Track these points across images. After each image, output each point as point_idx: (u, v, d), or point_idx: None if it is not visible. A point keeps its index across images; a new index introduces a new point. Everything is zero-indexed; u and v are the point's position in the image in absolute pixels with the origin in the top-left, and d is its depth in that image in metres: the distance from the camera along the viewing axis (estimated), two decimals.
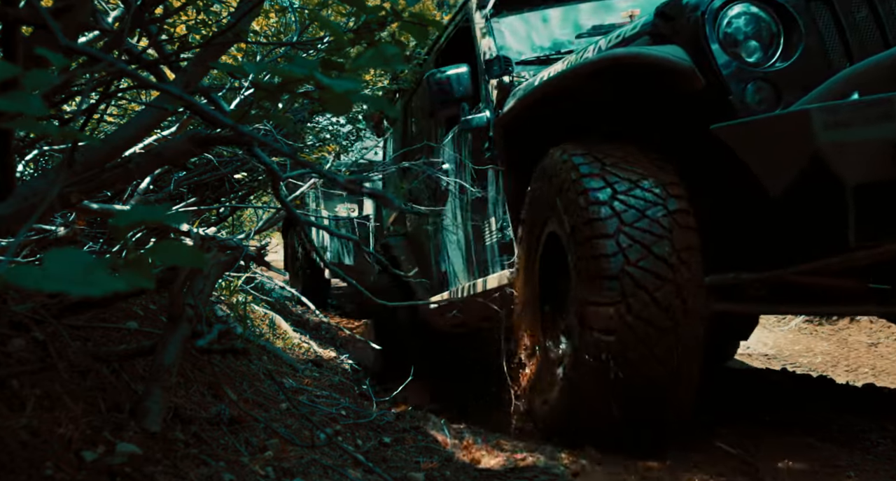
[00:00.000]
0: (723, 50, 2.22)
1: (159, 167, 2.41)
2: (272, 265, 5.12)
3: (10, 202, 1.18)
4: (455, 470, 2.15)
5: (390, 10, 1.32)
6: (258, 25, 4.89)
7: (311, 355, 4.21)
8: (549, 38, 3.53)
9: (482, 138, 3.43)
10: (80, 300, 1.61)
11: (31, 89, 0.72)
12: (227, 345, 1.87)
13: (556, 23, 3.58)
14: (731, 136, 2.09)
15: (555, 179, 2.48)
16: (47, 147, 2.79)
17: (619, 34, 2.61)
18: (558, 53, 3.35)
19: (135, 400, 1.47)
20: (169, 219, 0.72)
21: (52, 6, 1.28)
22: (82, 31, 1.93)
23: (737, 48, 2.24)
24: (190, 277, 1.76)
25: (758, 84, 2.21)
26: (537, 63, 3.37)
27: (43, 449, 1.15)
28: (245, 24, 1.61)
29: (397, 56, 0.99)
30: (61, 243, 2.47)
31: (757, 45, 2.25)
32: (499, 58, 3.34)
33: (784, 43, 2.25)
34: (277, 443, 1.78)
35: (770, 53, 2.25)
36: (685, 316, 2.17)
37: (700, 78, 2.20)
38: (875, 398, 3.44)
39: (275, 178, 1.54)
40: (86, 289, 0.58)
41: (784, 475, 2.22)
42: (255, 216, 7.58)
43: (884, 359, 5.48)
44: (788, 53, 2.24)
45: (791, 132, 1.98)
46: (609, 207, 2.21)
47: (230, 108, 1.81)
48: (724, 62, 2.21)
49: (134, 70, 1.01)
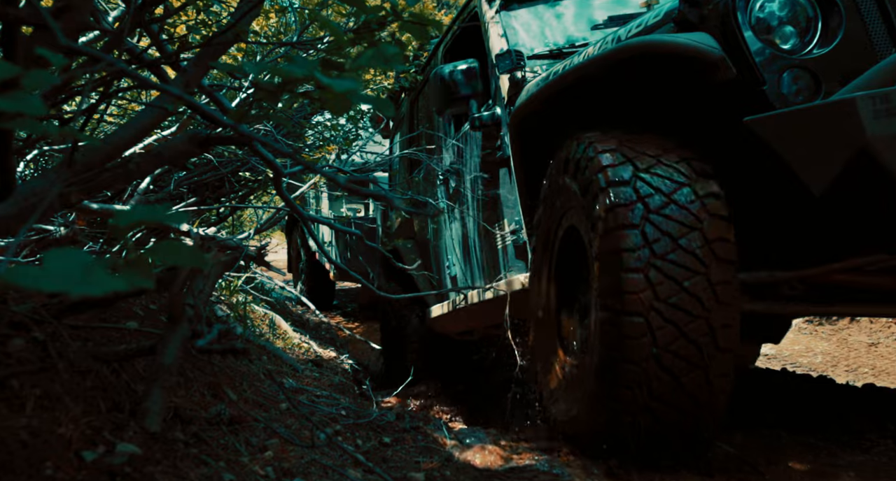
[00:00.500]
0: (755, 36, 2.06)
1: (159, 167, 2.40)
2: (272, 265, 5.12)
3: (10, 202, 1.18)
4: (455, 470, 2.15)
5: (390, 10, 1.32)
6: (258, 25, 4.89)
7: (311, 355, 4.21)
8: (561, 31, 3.41)
9: (492, 136, 3.32)
10: (80, 300, 1.61)
11: (31, 89, 0.72)
12: (227, 345, 1.87)
13: (569, 15, 3.46)
14: (766, 130, 1.94)
15: (577, 172, 2.30)
16: (47, 147, 2.80)
17: (639, 23, 2.46)
18: (572, 47, 3.22)
19: (135, 401, 1.47)
20: (169, 219, 0.72)
21: (52, 6, 1.28)
22: (82, 31, 1.93)
23: (770, 34, 2.09)
24: (190, 277, 1.76)
25: (794, 72, 2.06)
26: (550, 57, 3.23)
27: (43, 449, 1.14)
28: (245, 24, 1.61)
29: (397, 56, 0.99)
30: (61, 243, 2.47)
31: (792, 30, 2.10)
32: (510, 52, 3.19)
33: (822, 28, 2.09)
34: (277, 443, 1.78)
35: (807, 39, 2.10)
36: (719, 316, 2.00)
37: (731, 67, 2.04)
38: (875, 398, 3.44)
39: (277, 175, 1.55)
40: (86, 288, 0.58)
41: (784, 475, 2.23)
42: (256, 216, 7.58)
43: (884, 358, 5.48)
44: (827, 39, 2.08)
45: (835, 124, 1.82)
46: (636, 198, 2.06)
47: (231, 107, 1.81)
48: (756, 49, 2.05)
49: (134, 70, 1.01)
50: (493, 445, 2.61)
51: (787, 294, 2.29)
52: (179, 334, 1.57)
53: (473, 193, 3.67)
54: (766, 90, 2.03)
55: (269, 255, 3.56)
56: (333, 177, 0.99)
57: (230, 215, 5.43)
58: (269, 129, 3.59)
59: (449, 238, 4.19)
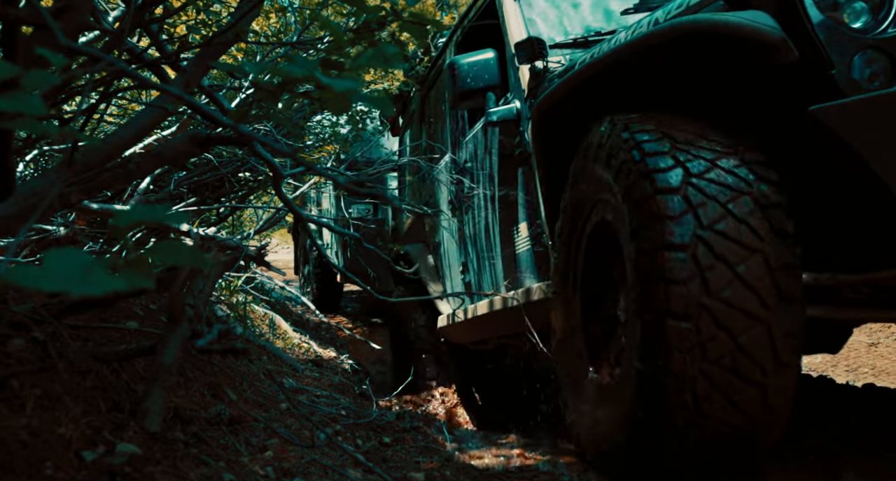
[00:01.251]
0: (821, 14, 1.80)
1: (159, 167, 2.41)
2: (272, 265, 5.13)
3: (10, 202, 1.19)
4: (455, 470, 2.15)
5: (390, 10, 1.32)
6: (258, 25, 4.89)
7: (311, 355, 4.21)
8: (584, 18, 3.15)
9: (511, 132, 3.06)
10: (80, 300, 1.61)
11: (31, 89, 0.72)
12: (227, 345, 1.87)
13: (589, 4, 3.21)
14: (835, 119, 1.73)
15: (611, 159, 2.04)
16: (47, 147, 2.80)
17: (680, 3, 2.22)
18: (598, 35, 2.95)
19: (135, 401, 1.47)
20: (169, 219, 0.72)
21: (52, 6, 1.28)
22: (82, 31, 1.93)
23: (838, 12, 1.83)
24: (190, 277, 1.76)
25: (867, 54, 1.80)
26: (574, 46, 2.96)
27: (43, 449, 1.15)
28: (245, 24, 1.61)
29: (397, 56, 0.99)
30: (61, 243, 2.47)
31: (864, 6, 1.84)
32: (531, 40, 2.88)
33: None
34: (277, 443, 1.78)
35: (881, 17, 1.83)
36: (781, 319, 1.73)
37: (793, 49, 1.79)
38: (875, 398, 3.44)
39: (277, 176, 1.55)
40: (86, 288, 0.58)
41: (784, 475, 2.23)
42: (255, 216, 7.58)
43: (884, 358, 5.48)
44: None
45: None
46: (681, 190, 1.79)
47: (231, 107, 1.81)
48: (823, 29, 1.79)
49: (134, 70, 1.01)
50: (493, 446, 2.61)
51: (851, 298, 2.03)
52: (179, 334, 1.57)
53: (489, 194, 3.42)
54: (835, 75, 1.80)
55: (269, 255, 3.56)
56: (333, 177, 1.00)
57: (230, 215, 5.43)
58: (269, 129, 3.59)
59: (462, 241, 3.94)
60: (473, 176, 3.61)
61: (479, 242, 3.63)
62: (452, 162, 3.94)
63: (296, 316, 6.45)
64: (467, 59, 3.10)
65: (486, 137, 3.43)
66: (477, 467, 2.32)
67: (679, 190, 1.78)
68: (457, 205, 3.95)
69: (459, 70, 3.09)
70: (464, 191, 3.77)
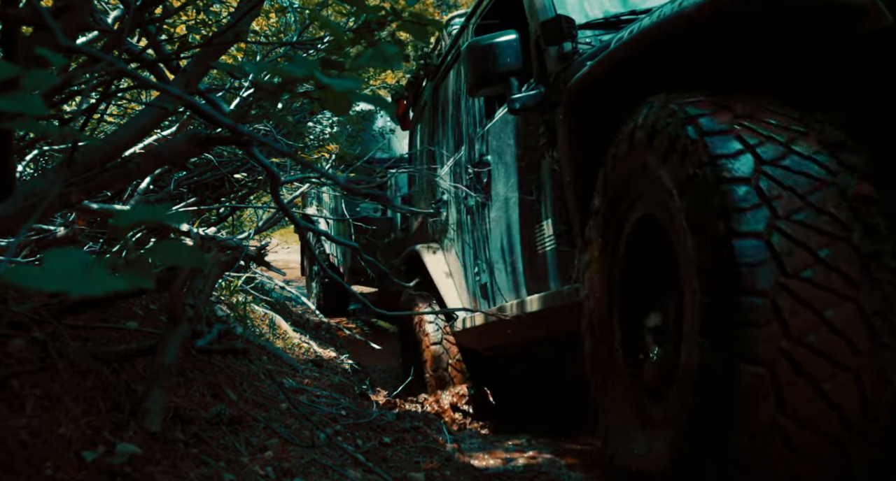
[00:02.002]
0: None
1: (159, 167, 2.40)
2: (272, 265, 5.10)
3: (10, 202, 1.19)
4: (455, 470, 2.15)
5: (390, 9, 1.32)
6: (258, 25, 4.89)
7: (311, 355, 4.21)
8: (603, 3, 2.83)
9: (534, 121, 2.81)
10: (80, 300, 1.61)
11: (31, 89, 0.72)
12: (227, 345, 1.87)
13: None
14: None
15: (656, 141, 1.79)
16: (47, 147, 2.80)
17: None
18: (633, 13, 2.67)
19: (135, 401, 1.47)
20: (169, 219, 0.72)
21: (52, 6, 1.28)
22: (82, 31, 1.93)
23: None
24: (190, 277, 1.76)
25: None
26: (605, 26, 2.68)
27: (43, 449, 1.15)
28: (245, 24, 1.61)
29: (397, 56, 0.99)
30: (61, 243, 2.47)
31: None
32: (559, 18, 2.59)
33: None
34: (277, 443, 1.78)
35: None
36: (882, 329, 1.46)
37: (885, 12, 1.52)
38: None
39: (274, 181, 1.55)
40: (86, 288, 0.58)
41: None
42: (255, 216, 7.58)
43: None
44: None
45: None
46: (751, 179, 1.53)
47: (230, 109, 1.80)
48: None
49: (134, 70, 1.01)
50: (493, 446, 2.61)
51: None
52: (179, 334, 1.57)
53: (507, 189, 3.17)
54: None
55: (270, 255, 3.54)
56: (333, 176, 1.00)
57: (230, 215, 5.43)
58: (269, 129, 3.59)
59: (478, 241, 3.67)
60: (491, 170, 3.39)
61: (496, 242, 3.40)
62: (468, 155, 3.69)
63: (296, 316, 6.45)
64: (488, 40, 2.83)
65: (505, 127, 3.20)
66: (477, 467, 2.32)
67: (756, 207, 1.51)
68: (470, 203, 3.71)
69: (479, 53, 2.82)
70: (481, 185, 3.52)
